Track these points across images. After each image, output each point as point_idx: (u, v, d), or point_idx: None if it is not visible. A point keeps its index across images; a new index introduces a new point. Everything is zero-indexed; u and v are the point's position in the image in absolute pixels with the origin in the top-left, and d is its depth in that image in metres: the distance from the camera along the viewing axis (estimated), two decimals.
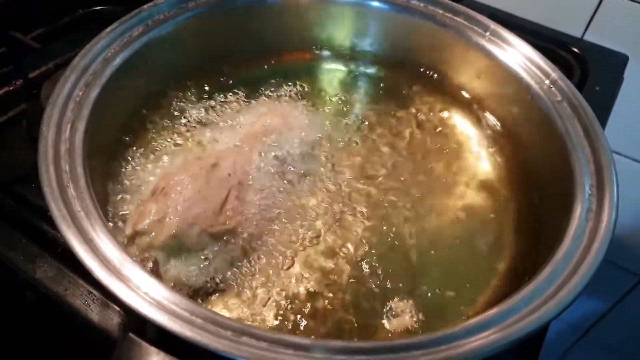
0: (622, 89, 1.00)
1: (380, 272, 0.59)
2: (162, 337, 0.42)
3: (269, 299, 0.56)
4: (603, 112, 0.90)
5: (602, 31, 1.17)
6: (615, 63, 0.99)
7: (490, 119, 0.76)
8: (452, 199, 0.67)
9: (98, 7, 0.93)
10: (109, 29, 0.66)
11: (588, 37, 1.19)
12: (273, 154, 0.66)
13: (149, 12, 0.70)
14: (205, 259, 0.55)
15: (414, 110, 0.78)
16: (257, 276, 0.57)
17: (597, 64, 0.96)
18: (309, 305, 0.56)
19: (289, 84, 0.79)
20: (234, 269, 0.57)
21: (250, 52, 0.80)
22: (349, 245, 0.61)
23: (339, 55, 0.84)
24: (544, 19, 1.05)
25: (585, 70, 0.95)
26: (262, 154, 0.65)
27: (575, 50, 0.99)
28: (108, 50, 0.64)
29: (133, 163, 0.65)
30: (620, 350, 1.66)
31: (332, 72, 0.84)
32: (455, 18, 0.75)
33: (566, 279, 0.46)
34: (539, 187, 0.66)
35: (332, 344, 0.41)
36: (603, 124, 0.90)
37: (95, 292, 0.57)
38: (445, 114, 0.78)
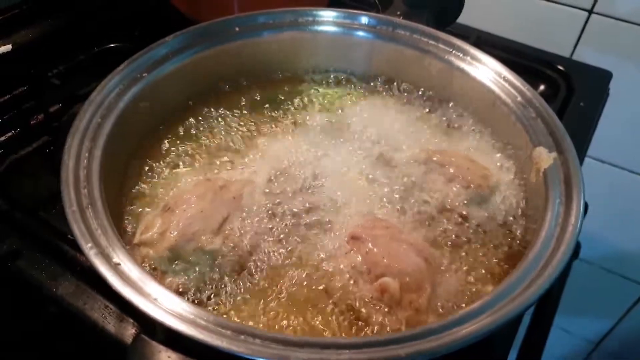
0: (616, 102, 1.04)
1: None
2: (169, 337, 0.47)
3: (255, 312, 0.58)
4: (587, 125, 0.93)
5: (590, 50, 1.21)
6: (599, 79, 1.02)
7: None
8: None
9: (111, 45, 0.98)
10: (121, 66, 0.71)
11: (577, 56, 1.23)
12: (280, 181, 0.68)
13: (157, 50, 0.75)
14: (199, 272, 0.59)
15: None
16: (246, 295, 0.59)
17: (582, 81, 0.99)
18: (295, 318, 0.57)
19: (290, 109, 0.82)
20: (227, 283, 0.59)
21: (255, 80, 0.85)
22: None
23: (336, 81, 0.88)
24: (535, 41, 1.09)
25: (571, 87, 0.98)
26: (270, 181, 0.68)
27: (561, 68, 1.02)
28: (121, 85, 0.70)
29: (144, 186, 0.69)
30: (631, 358, 1.66)
31: (330, 97, 0.86)
32: (439, 45, 0.79)
33: (534, 279, 0.50)
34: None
35: (320, 340, 0.45)
36: (588, 136, 0.94)
37: (111, 305, 0.61)
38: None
